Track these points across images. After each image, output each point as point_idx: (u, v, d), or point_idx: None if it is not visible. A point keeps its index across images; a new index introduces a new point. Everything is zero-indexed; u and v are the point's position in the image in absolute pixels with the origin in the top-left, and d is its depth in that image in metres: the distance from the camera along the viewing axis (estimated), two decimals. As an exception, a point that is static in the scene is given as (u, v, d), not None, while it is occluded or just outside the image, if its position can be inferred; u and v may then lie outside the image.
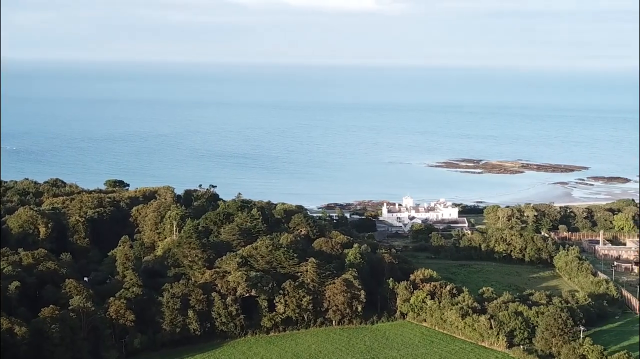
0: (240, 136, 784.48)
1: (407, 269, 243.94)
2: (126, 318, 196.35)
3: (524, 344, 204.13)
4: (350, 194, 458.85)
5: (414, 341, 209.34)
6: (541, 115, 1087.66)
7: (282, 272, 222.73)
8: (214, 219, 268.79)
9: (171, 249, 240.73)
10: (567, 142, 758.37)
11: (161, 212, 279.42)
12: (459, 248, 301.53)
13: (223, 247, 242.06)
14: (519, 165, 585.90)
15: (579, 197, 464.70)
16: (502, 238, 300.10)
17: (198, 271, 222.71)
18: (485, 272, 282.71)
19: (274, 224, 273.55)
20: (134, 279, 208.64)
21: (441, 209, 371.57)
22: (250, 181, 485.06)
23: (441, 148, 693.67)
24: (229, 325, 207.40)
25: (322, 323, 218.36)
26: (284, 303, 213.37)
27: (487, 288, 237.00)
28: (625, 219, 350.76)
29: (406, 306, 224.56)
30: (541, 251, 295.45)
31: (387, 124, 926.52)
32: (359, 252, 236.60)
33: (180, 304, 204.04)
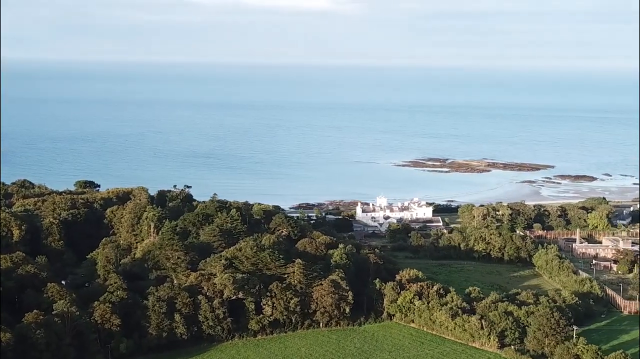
0: (203, 135, 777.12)
1: (392, 269, 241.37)
2: (112, 323, 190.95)
3: (515, 345, 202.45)
4: (320, 194, 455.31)
5: (404, 343, 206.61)
6: (502, 114, 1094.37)
7: (268, 274, 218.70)
8: (193, 220, 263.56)
9: (151, 251, 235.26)
10: (530, 141, 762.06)
11: (137, 214, 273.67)
12: (438, 247, 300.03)
13: (204, 249, 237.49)
14: (485, 164, 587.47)
15: (548, 196, 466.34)
16: (482, 237, 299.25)
17: (182, 273, 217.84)
18: (465, 271, 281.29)
19: (254, 224, 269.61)
20: (118, 283, 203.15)
21: (415, 208, 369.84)
22: (218, 181, 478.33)
23: (406, 147, 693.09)
24: (216, 329, 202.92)
25: (309, 325, 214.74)
26: (272, 305, 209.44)
27: (474, 288, 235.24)
28: (600, 218, 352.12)
29: (393, 306, 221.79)
30: (520, 250, 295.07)
31: (349, 123, 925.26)
32: (344, 252, 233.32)
33: (166, 308, 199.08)
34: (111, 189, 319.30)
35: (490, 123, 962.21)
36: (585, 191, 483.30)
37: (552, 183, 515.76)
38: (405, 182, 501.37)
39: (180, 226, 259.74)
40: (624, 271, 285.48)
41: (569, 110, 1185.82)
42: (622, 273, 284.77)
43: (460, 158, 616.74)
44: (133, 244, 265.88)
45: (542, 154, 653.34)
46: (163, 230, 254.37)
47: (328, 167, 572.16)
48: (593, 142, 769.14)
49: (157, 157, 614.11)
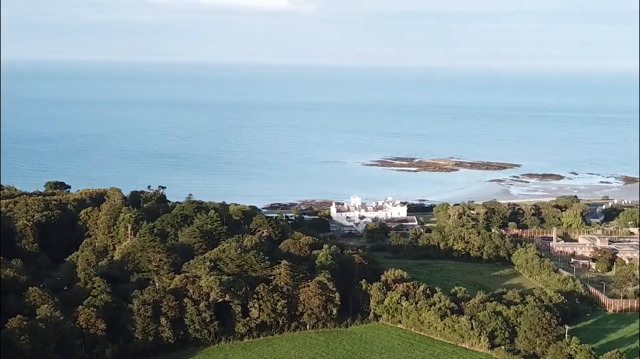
0: (167, 135, 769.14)
1: (377, 269, 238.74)
2: (97, 327, 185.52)
3: (505, 345, 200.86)
4: (291, 194, 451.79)
5: (393, 345, 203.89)
6: (464, 114, 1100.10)
7: (253, 275, 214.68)
8: (171, 221, 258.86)
9: (131, 253, 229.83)
10: (494, 140, 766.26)
11: (113, 215, 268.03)
12: (417, 247, 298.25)
13: (185, 251, 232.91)
14: (452, 163, 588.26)
15: (518, 195, 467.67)
16: (461, 236, 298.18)
17: (166, 276, 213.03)
18: (446, 271, 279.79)
19: (234, 225, 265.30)
20: (102, 286, 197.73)
21: (390, 207, 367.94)
22: (186, 182, 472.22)
23: (372, 147, 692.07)
24: (202, 332, 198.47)
25: (296, 327, 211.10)
26: (258, 308, 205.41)
27: (460, 288, 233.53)
28: (574, 216, 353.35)
29: (380, 307, 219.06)
30: (499, 249, 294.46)
31: (313, 123, 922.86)
32: (329, 253, 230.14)
33: (152, 312, 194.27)
34: (83, 190, 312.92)
35: (454, 122, 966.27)
36: (554, 190, 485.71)
37: (521, 182, 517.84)
38: (375, 181, 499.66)
39: (158, 227, 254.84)
40: (603, 269, 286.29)
41: (530, 109, 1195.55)
42: (601, 271, 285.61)
43: (427, 157, 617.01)
44: (110, 246, 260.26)
45: (507, 153, 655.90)
46: (141, 231, 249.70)
47: (296, 166, 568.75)
48: (556, 141, 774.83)
49: (121, 158, 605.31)
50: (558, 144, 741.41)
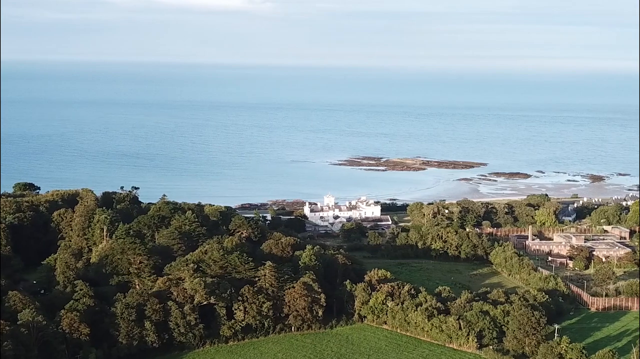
0: (129, 135, 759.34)
1: (360, 270, 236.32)
2: (80, 332, 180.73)
3: (493, 345, 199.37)
4: (260, 194, 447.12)
5: (380, 346, 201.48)
6: (425, 113, 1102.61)
7: (237, 277, 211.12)
8: (148, 222, 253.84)
9: (109, 255, 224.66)
10: (457, 140, 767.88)
11: (87, 217, 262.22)
12: (395, 247, 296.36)
13: (164, 253, 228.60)
14: (420, 162, 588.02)
15: (487, 193, 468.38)
16: (439, 236, 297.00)
17: (148, 278, 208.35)
18: (425, 270, 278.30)
19: (212, 226, 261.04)
20: (84, 289, 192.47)
21: (364, 207, 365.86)
22: (152, 182, 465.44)
23: (338, 146, 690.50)
24: (187, 336, 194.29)
25: (281, 329, 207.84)
26: (243, 310, 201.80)
27: (444, 287, 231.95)
28: (547, 214, 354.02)
29: (365, 308, 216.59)
30: (477, 248, 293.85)
31: (276, 123, 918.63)
32: (313, 254, 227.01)
33: (136, 315, 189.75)
34: (54, 191, 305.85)
35: (416, 122, 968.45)
36: (522, 188, 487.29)
37: (488, 180, 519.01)
38: (344, 181, 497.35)
39: (135, 228, 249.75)
40: (581, 267, 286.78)
41: (491, 109, 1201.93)
42: (579, 269, 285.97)
43: (394, 156, 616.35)
44: (84, 248, 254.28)
45: (472, 152, 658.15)
46: (117, 233, 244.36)
47: (264, 166, 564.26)
48: (519, 139, 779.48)
49: (84, 158, 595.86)
50: (522, 143, 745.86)
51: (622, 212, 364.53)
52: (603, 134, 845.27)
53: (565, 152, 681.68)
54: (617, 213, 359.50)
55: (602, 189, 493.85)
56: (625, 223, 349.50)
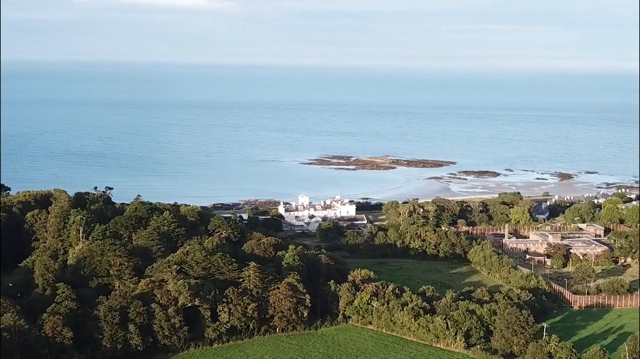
0: (94, 135, 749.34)
1: (343, 269, 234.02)
2: (63, 336, 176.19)
3: (480, 344, 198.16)
4: (232, 194, 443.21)
5: (367, 346, 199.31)
6: (389, 112, 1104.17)
7: (221, 278, 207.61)
8: (125, 223, 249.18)
9: (87, 257, 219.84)
10: (424, 138, 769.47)
11: (63, 218, 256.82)
12: (374, 246, 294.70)
13: (143, 254, 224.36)
14: (389, 161, 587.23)
15: (458, 192, 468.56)
16: (417, 234, 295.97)
17: (129, 280, 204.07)
18: (405, 269, 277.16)
19: (190, 227, 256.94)
20: (66, 292, 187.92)
21: (338, 206, 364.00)
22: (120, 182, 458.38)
23: (306, 145, 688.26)
24: (172, 338, 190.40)
25: (266, 331, 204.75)
26: (228, 312, 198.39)
27: (428, 287, 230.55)
28: (522, 212, 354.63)
29: (350, 308, 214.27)
30: (455, 246, 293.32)
31: (242, 122, 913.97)
32: (296, 254, 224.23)
33: (119, 318, 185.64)
34: (26, 192, 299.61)
35: (382, 121, 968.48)
36: (493, 186, 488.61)
37: (458, 179, 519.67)
38: (315, 180, 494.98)
39: (112, 229, 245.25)
40: (559, 265, 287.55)
41: (455, 108, 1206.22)
42: (557, 267, 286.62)
43: (362, 155, 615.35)
44: (60, 250, 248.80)
45: (440, 151, 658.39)
46: (93, 235, 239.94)
47: (233, 166, 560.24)
48: (485, 138, 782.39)
49: (50, 158, 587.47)
50: (488, 142, 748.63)
51: (595, 210, 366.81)
52: (568, 132, 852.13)
53: (531, 150, 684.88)
54: (591, 211, 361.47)
55: (572, 187, 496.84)
56: (600, 221, 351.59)
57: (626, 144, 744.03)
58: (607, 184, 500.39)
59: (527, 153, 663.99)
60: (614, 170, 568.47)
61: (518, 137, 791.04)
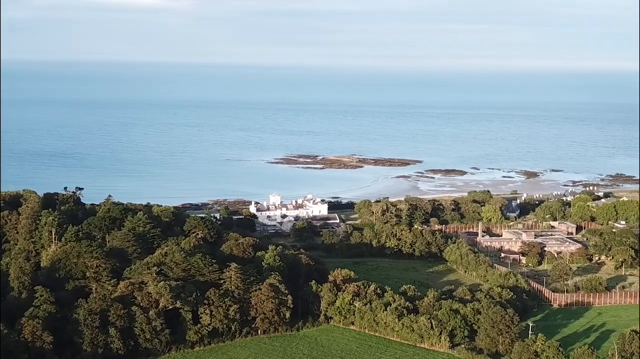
0: (55, 135, 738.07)
1: (323, 269, 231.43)
2: (43, 340, 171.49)
3: (464, 344, 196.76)
4: (200, 194, 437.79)
5: (351, 347, 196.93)
6: (350, 111, 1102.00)
7: (201, 280, 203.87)
8: (98, 224, 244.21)
9: (62, 259, 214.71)
10: (388, 137, 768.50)
11: (34, 219, 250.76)
12: (350, 245, 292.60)
13: (119, 256, 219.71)
14: (356, 160, 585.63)
15: (427, 190, 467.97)
16: (393, 234, 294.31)
17: (108, 282, 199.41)
18: (382, 269, 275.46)
19: (165, 227, 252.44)
20: (45, 296, 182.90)
21: (310, 205, 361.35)
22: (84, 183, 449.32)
23: (270, 144, 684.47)
24: (153, 341, 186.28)
25: (247, 332, 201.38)
26: (210, 314, 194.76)
27: (409, 286, 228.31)
28: (494, 211, 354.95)
29: (332, 309, 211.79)
30: (431, 245, 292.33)
31: (205, 121, 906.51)
32: (276, 254, 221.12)
33: (99, 321, 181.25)
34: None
35: (344, 120, 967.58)
36: (461, 185, 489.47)
37: (426, 177, 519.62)
38: (283, 179, 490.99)
39: (85, 231, 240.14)
40: (534, 263, 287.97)
41: (415, 107, 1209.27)
42: (532, 265, 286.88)
43: (328, 154, 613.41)
44: (32, 251, 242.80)
45: (405, 150, 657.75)
46: (66, 236, 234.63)
47: (199, 165, 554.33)
48: (448, 137, 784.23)
49: (11, 158, 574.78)
50: (451, 140, 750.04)
51: (565, 208, 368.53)
52: (529, 131, 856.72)
53: (495, 149, 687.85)
54: (562, 209, 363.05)
55: (538, 185, 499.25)
56: (571, 218, 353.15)
57: (588, 142, 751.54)
58: (574, 182, 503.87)
59: (491, 152, 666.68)
60: (578, 168, 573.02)
61: (481, 136, 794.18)
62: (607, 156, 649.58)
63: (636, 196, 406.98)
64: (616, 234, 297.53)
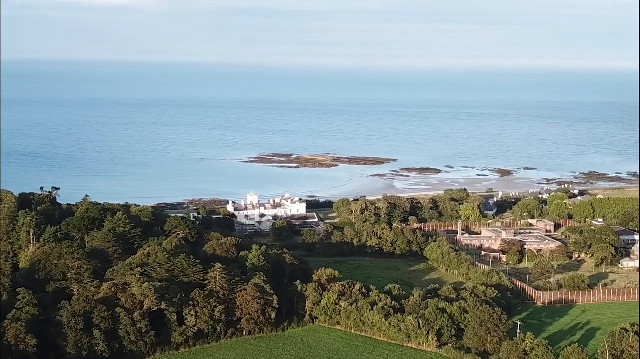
0: (24, 134, 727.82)
1: (307, 269, 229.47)
2: (27, 343, 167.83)
3: (452, 343, 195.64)
4: (175, 193, 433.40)
5: (338, 348, 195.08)
6: (322, 110, 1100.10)
7: (186, 281, 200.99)
8: (77, 225, 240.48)
9: (42, 260, 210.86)
10: (361, 136, 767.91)
11: (12, 220, 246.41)
12: (331, 244, 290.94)
13: (99, 257, 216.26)
14: (330, 158, 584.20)
15: (403, 189, 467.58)
16: (374, 232, 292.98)
17: (90, 284, 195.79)
18: (364, 268, 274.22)
19: (145, 227, 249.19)
20: (28, 298, 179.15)
21: (288, 204, 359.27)
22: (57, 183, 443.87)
23: (243, 143, 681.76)
24: (138, 344, 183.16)
25: (233, 334, 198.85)
26: (195, 315, 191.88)
27: (394, 285, 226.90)
28: (472, 209, 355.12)
29: (317, 309, 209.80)
30: (412, 244, 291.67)
31: (176, 120, 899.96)
32: (261, 254, 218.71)
33: (83, 324, 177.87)
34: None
35: (316, 118, 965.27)
36: (436, 183, 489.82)
37: (402, 176, 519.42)
38: (258, 178, 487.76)
39: (63, 231, 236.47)
40: (514, 261, 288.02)
41: (386, 105, 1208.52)
42: (513, 263, 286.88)
43: (303, 153, 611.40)
44: (9, 253, 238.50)
45: (379, 148, 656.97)
46: (45, 237, 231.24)
47: (172, 165, 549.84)
48: (420, 136, 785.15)
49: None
50: (424, 139, 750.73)
51: (542, 206, 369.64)
52: (500, 129, 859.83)
53: (468, 147, 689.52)
54: (539, 207, 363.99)
55: (513, 183, 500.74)
56: (549, 216, 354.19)
57: (559, 140, 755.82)
58: (548, 180, 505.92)
59: (464, 150, 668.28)
60: (551, 166, 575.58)
61: (453, 135, 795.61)
62: (579, 154, 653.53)
63: (611, 194, 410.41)
64: (596, 231, 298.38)
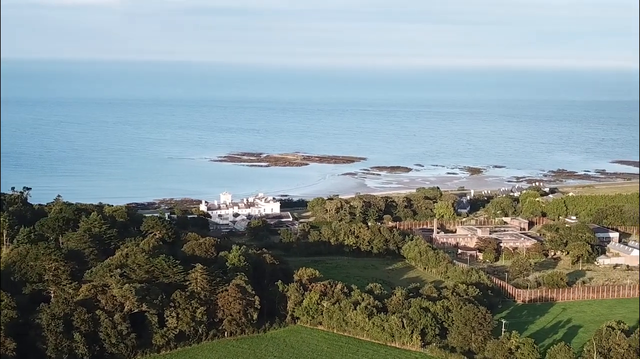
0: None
1: (287, 269, 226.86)
2: (6, 347, 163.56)
3: (436, 342, 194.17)
4: (145, 193, 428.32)
5: (321, 348, 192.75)
6: (288, 108, 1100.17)
7: (166, 282, 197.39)
8: (52, 225, 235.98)
9: (17, 262, 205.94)
10: (329, 135, 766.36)
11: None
12: (308, 243, 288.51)
13: (76, 258, 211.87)
14: (300, 157, 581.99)
15: (375, 187, 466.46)
16: (351, 231, 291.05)
17: (68, 286, 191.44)
18: (342, 267, 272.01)
19: (121, 228, 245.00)
20: (6, 301, 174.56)
21: (262, 204, 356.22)
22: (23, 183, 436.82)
23: (211, 142, 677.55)
24: (119, 346, 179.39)
25: (214, 335, 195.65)
26: (176, 317, 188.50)
27: (375, 284, 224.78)
28: (446, 207, 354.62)
29: (299, 309, 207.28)
30: (389, 243, 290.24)
31: (141, 119, 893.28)
32: (241, 254, 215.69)
33: (63, 326, 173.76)
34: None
35: (282, 117, 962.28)
36: (407, 181, 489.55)
37: (372, 174, 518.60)
38: (229, 177, 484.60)
39: (38, 232, 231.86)
40: (491, 259, 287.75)
41: (353, 104, 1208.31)
42: (489, 261, 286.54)
43: (271, 152, 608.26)
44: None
45: (347, 147, 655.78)
46: (19, 238, 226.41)
47: (140, 164, 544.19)
48: (388, 134, 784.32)
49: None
50: (392, 138, 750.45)
51: (515, 204, 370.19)
52: (467, 128, 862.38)
53: (435, 146, 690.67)
54: (513, 205, 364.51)
55: (483, 181, 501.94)
56: (522, 214, 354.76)
57: (526, 138, 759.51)
58: (517, 178, 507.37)
59: (432, 149, 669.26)
60: (520, 164, 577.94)
61: (420, 133, 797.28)
62: (547, 152, 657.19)
63: (582, 191, 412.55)
64: (572, 229, 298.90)
